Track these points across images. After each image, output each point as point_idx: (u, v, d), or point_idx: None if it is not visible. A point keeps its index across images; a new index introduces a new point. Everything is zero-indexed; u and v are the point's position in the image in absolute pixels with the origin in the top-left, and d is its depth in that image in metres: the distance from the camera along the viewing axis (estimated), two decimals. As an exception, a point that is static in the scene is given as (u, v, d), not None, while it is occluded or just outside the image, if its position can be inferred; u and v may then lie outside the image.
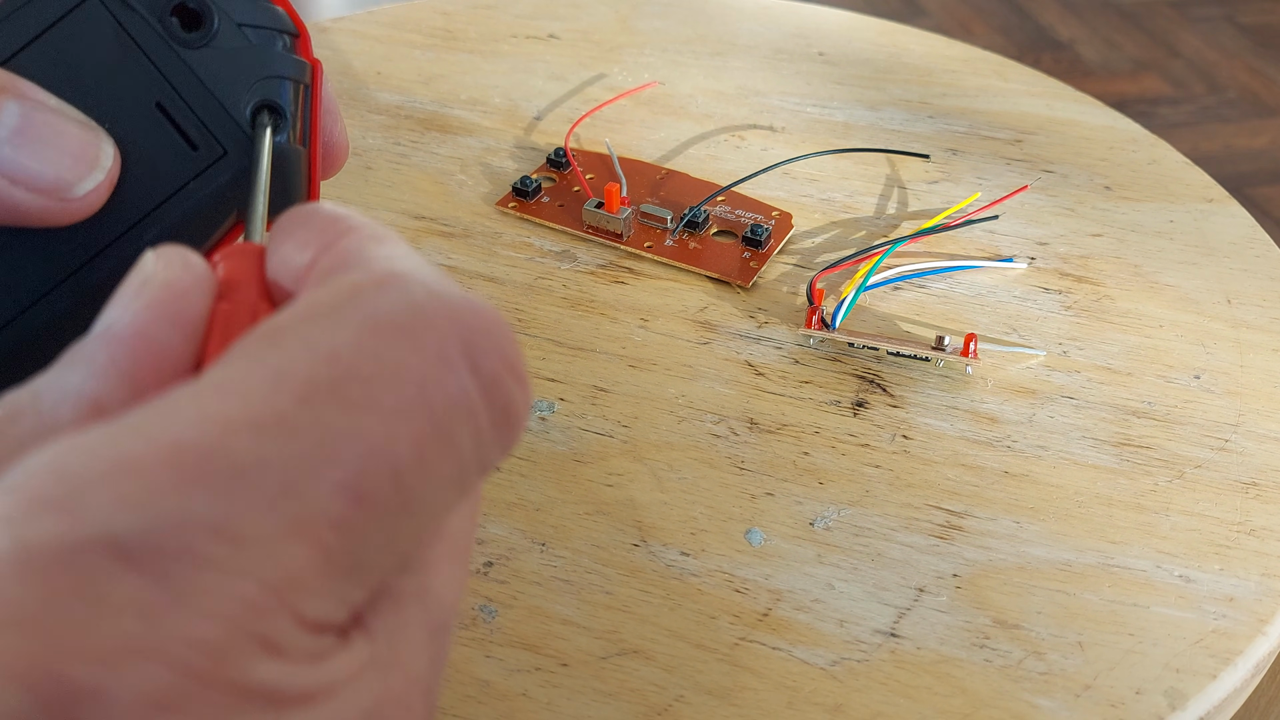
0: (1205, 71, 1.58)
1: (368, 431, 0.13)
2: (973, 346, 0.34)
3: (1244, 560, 0.29)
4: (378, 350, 0.14)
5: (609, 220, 0.38)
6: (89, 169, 0.22)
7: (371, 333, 0.14)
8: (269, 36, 0.25)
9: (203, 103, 0.24)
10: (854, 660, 0.26)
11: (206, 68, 0.24)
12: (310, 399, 0.13)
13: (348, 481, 0.13)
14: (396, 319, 0.14)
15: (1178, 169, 0.44)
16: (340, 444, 0.13)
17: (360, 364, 0.14)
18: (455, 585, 0.16)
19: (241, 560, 0.12)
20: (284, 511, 0.13)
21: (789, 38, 0.51)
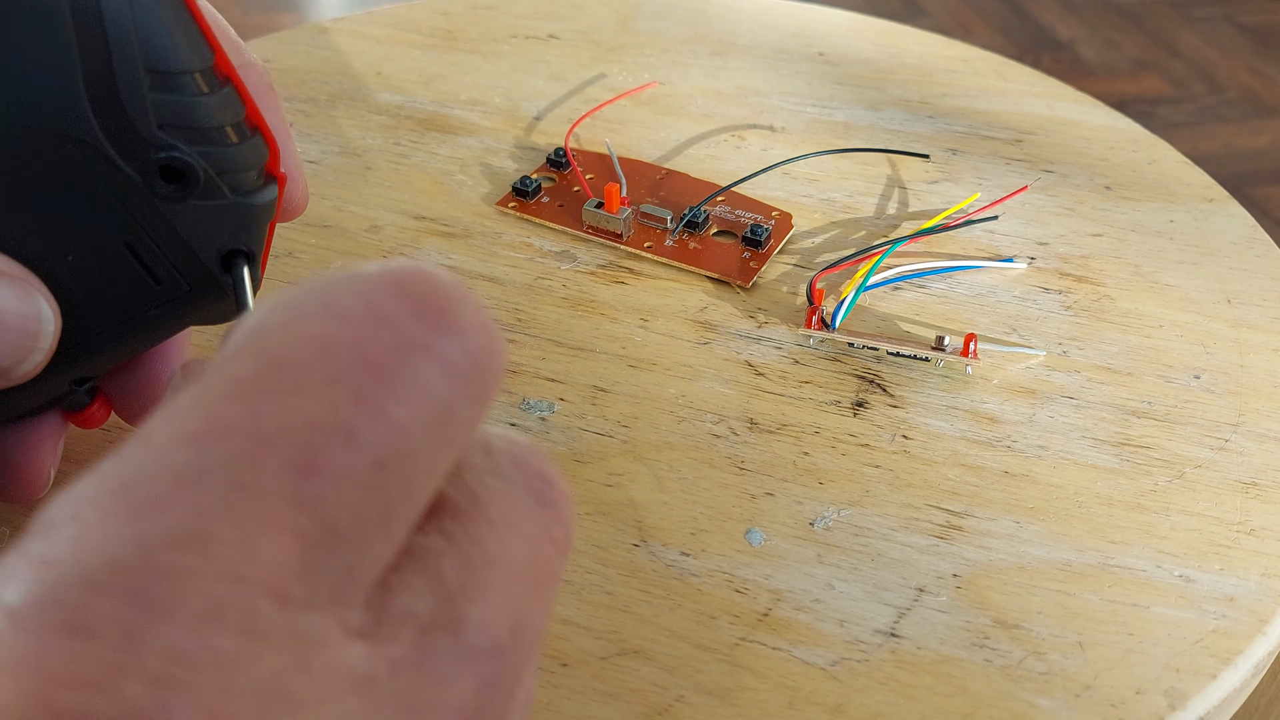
0: (1205, 71, 1.58)
1: (304, 407, 0.13)
2: (973, 346, 0.34)
3: (1244, 560, 0.29)
4: (301, 332, 0.14)
5: (609, 220, 0.38)
6: (27, 352, 0.22)
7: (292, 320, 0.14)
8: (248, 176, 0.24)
9: (173, 249, 0.24)
10: (854, 660, 0.26)
11: (183, 221, 0.24)
12: (237, 397, 0.13)
13: (293, 459, 0.13)
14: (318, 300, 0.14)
15: (1178, 169, 0.44)
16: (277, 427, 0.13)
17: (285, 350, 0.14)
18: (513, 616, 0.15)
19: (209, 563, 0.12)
20: (236, 505, 0.13)
21: (789, 38, 0.51)
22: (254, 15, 1.65)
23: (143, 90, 0.22)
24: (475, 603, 0.15)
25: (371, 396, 0.14)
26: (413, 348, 0.14)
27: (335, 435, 0.13)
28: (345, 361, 0.14)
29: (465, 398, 0.14)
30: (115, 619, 0.12)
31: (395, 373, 0.14)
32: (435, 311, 0.14)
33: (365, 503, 0.14)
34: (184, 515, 0.13)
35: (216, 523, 0.13)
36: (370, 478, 0.14)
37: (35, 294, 0.22)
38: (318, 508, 0.13)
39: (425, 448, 0.14)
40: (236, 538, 0.13)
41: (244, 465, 0.13)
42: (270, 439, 0.13)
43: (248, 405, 0.13)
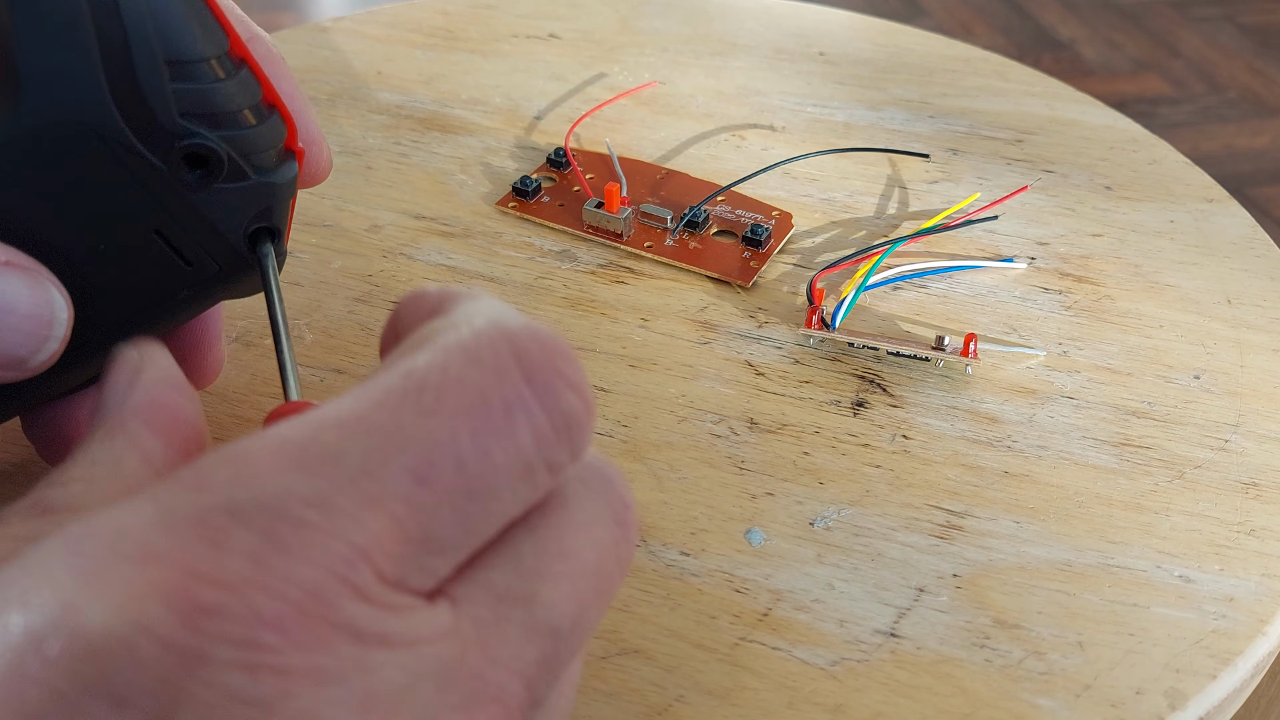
0: (1205, 71, 1.58)
1: (434, 428, 0.16)
2: (973, 346, 0.34)
3: (1244, 560, 0.29)
4: (445, 366, 0.17)
5: (609, 220, 0.38)
6: (42, 342, 0.23)
7: (441, 354, 0.17)
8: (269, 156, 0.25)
9: (202, 232, 0.25)
10: (854, 660, 0.26)
11: (209, 205, 0.24)
12: (386, 404, 0.16)
13: (414, 466, 0.16)
14: (463, 343, 0.17)
15: (1178, 169, 0.44)
16: (410, 438, 0.16)
17: (430, 378, 0.17)
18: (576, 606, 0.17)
19: (330, 524, 0.15)
20: (363, 488, 0.15)
21: (789, 38, 0.51)
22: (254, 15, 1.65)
23: (163, 81, 0.22)
24: (547, 585, 0.17)
25: (482, 438, 0.16)
26: (521, 408, 0.17)
27: (449, 460, 0.16)
28: (470, 403, 0.16)
29: (547, 458, 0.17)
30: (249, 544, 0.15)
31: (502, 424, 0.17)
32: (543, 383, 0.17)
33: (454, 519, 0.16)
34: (319, 482, 0.15)
35: (344, 495, 0.15)
36: (463, 502, 0.16)
37: (47, 283, 0.22)
38: (421, 510, 0.16)
39: (507, 490, 0.17)
40: (355, 511, 0.15)
41: (376, 458, 0.16)
42: (402, 444, 0.16)
43: (392, 414, 0.16)
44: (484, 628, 0.16)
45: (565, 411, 0.17)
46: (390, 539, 0.16)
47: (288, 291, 0.36)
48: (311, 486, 0.15)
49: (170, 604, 0.14)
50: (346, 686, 0.15)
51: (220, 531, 0.15)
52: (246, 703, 0.14)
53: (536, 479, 0.17)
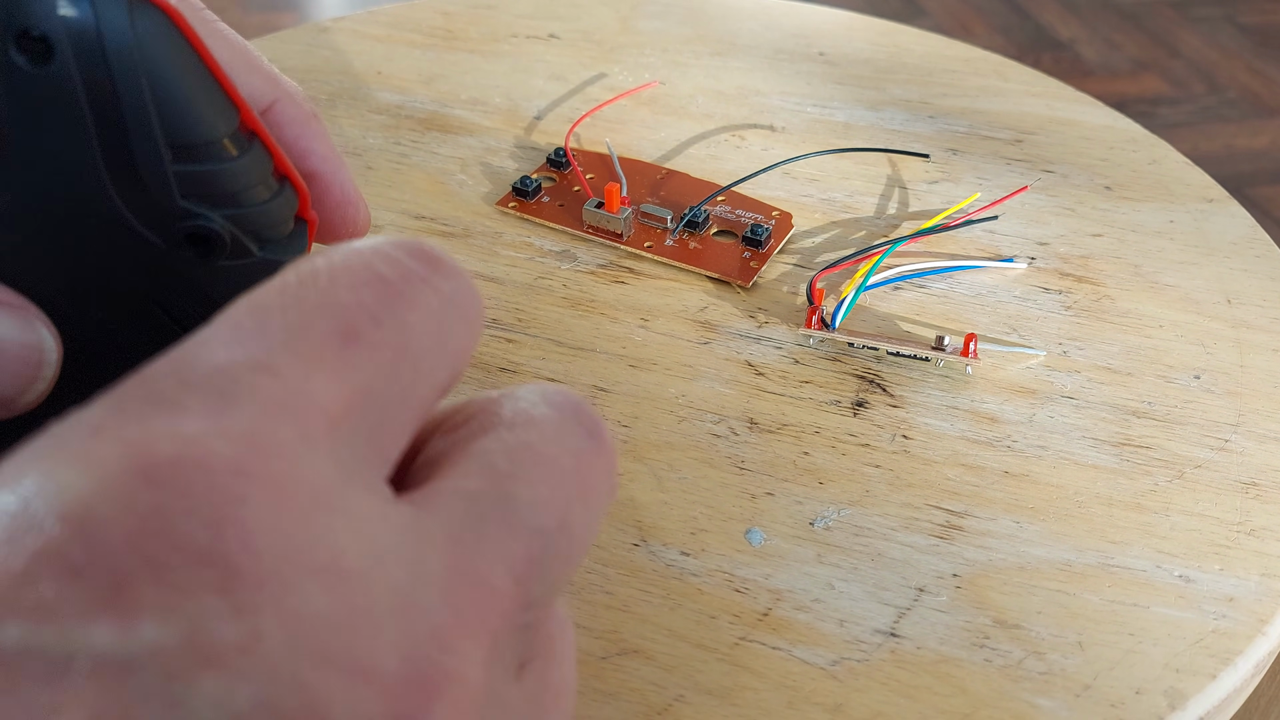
0: (1205, 71, 1.58)
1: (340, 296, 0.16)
2: (973, 346, 0.34)
3: (1244, 560, 0.29)
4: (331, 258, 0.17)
5: (609, 220, 0.38)
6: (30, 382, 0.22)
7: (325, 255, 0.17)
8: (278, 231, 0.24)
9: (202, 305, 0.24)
10: (854, 660, 0.26)
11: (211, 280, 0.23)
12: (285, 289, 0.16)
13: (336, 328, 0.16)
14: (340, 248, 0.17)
15: (1178, 169, 0.44)
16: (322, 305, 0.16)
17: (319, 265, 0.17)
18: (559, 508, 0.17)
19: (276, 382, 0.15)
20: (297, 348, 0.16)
21: (789, 38, 0.51)
22: (254, 15, 1.65)
23: (164, 165, 0.22)
24: (523, 485, 0.17)
25: (389, 300, 0.16)
26: (415, 278, 0.17)
27: (366, 318, 0.16)
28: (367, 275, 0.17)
29: (455, 321, 0.17)
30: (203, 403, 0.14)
31: (403, 290, 0.17)
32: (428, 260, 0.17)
33: (389, 377, 0.16)
34: (255, 348, 0.15)
35: (283, 355, 0.15)
36: (392, 358, 0.16)
37: (36, 323, 0.22)
38: (357, 368, 0.16)
39: (430, 351, 0.17)
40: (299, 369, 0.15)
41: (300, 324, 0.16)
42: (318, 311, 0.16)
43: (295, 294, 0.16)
44: (456, 523, 0.16)
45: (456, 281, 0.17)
46: (336, 394, 0.15)
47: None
48: (250, 354, 0.15)
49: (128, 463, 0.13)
50: (314, 554, 0.14)
51: (173, 396, 0.14)
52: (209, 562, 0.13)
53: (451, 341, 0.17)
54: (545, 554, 0.16)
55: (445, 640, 0.14)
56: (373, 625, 0.14)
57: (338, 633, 0.13)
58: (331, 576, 0.14)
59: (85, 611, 0.12)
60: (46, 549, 0.13)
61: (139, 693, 0.12)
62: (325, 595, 0.13)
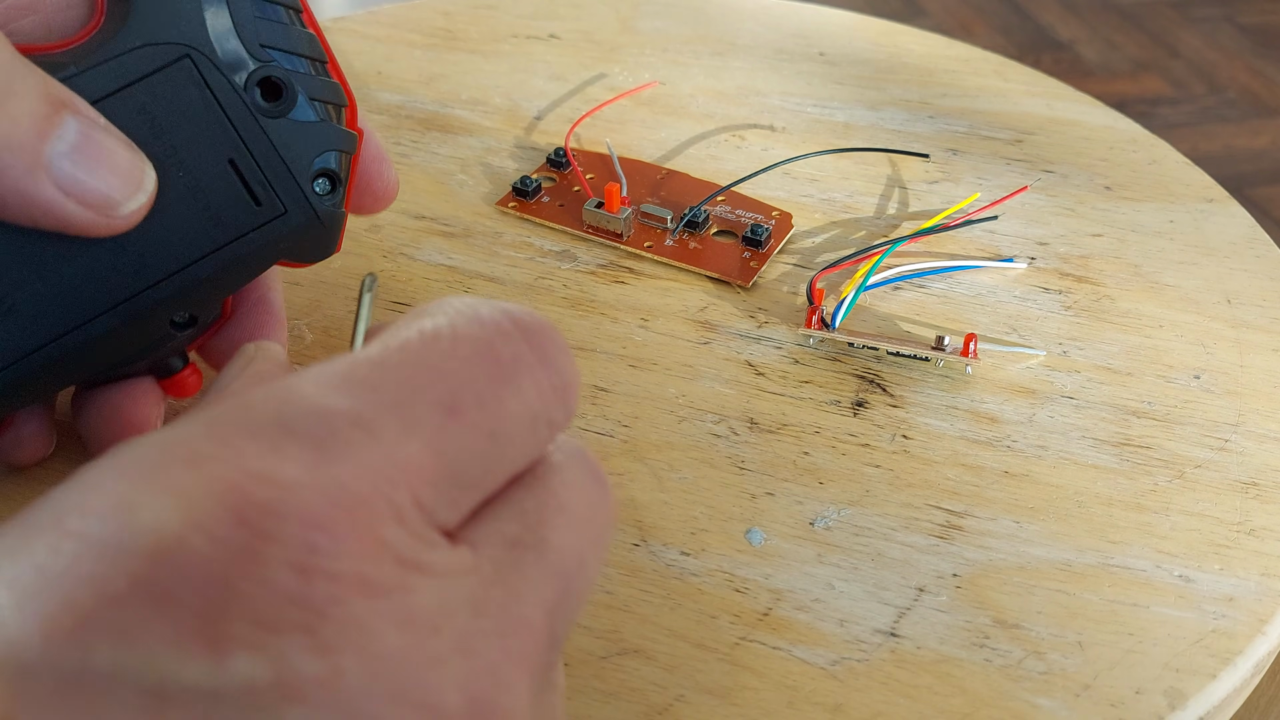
0: (1205, 71, 1.58)
1: (455, 368, 0.17)
2: (973, 346, 0.34)
3: (1244, 560, 0.29)
4: (453, 323, 0.18)
5: (609, 220, 0.38)
6: (134, 190, 0.24)
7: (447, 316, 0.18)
8: (332, 110, 0.28)
9: (271, 166, 0.27)
10: (854, 660, 0.26)
11: (279, 135, 0.27)
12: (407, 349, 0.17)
13: (443, 399, 0.17)
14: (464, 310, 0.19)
15: (1178, 169, 0.44)
16: (436, 374, 0.17)
17: (442, 330, 0.18)
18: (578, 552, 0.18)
19: (375, 443, 0.16)
20: (401, 413, 0.16)
21: (789, 38, 0.51)
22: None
23: (248, 9, 0.26)
24: (552, 531, 0.18)
25: (496, 383, 0.18)
26: (524, 364, 0.18)
27: (472, 397, 0.17)
28: (483, 352, 0.18)
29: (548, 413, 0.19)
30: (300, 453, 0.15)
31: (512, 375, 0.18)
32: (539, 346, 0.19)
33: (477, 456, 0.17)
34: (361, 405, 0.16)
35: (385, 418, 0.16)
36: (484, 440, 0.17)
37: (137, 150, 0.25)
38: (451, 440, 0.17)
39: (520, 434, 0.18)
40: (396, 433, 0.16)
41: (409, 389, 0.17)
42: (430, 379, 0.17)
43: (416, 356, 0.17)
44: (503, 568, 0.17)
45: (561, 371, 0.19)
46: (426, 465, 0.16)
47: (288, 291, 0.36)
48: (355, 408, 0.16)
49: (223, 500, 0.14)
50: (391, 601, 0.15)
51: (272, 440, 0.15)
52: (296, 604, 0.14)
53: (539, 432, 0.18)
54: (567, 593, 0.18)
55: (499, 676, 0.15)
56: (439, 666, 0.15)
57: (409, 671, 0.14)
58: (405, 621, 0.15)
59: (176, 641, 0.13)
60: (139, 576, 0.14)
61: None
62: (400, 638, 0.15)
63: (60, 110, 0.23)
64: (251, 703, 0.13)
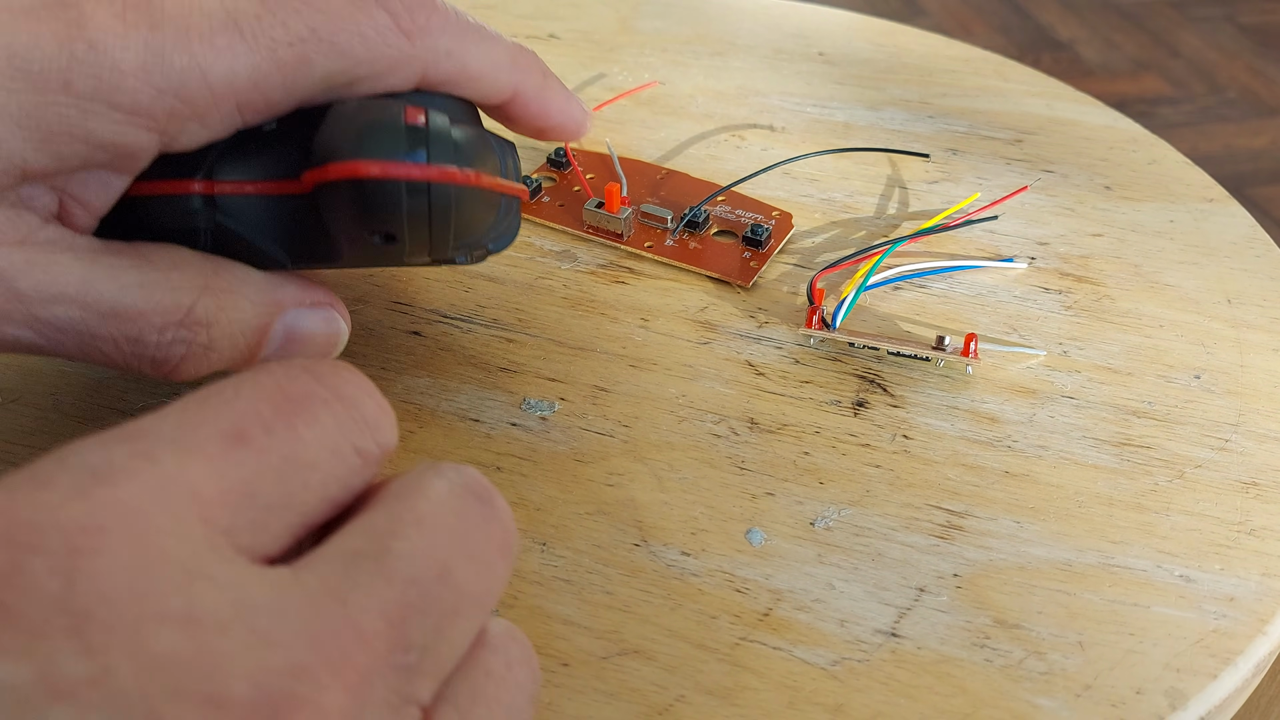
0: (1205, 71, 1.58)
1: (238, 406, 0.18)
2: (973, 346, 0.34)
3: (1244, 560, 0.29)
4: (239, 378, 0.19)
5: (609, 220, 0.38)
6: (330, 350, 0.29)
7: (236, 377, 0.19)
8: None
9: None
10: (854, 660, 0.26)
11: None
12: (191, 399, 0.18)
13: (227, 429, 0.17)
14: (260, 368, 0.19)
15: (1178, 169, 0.44)
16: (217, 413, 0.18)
17: (225, 384, 0.18)
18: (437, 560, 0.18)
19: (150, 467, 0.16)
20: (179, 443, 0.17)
21: (789, 38, 0.51)
22: (254, 15, 1.65)
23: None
24: (399, 540, 0.17)
25: (285, 413, 0.18)
26: (317, 398, 0.18)
27: (258, 426, 0.18)
28: (269, 390, 0.18)
29: (353, 440, 0.19)
30: (72, 480, 0.15)
31: (302, 408, 0.18)
32: (331, 384, 0.19)
33: (274, 480, 0.17)
34: (140, 443, 0.16)
35: (161, 449, 0.16)
36: (279, 464, 0.17)
37: (335, 315, 0.28)
38: (240, 467, 0.17)
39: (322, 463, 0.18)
40: (176, 460, 0.16)
41: (191, 427, 0.17)
42: (212, 415, 0.17)
43: (195, 400, 0.18)
44: (330, 578, 0.17)
45: (360, 406, 0.19)
46: (211, 485, 0.16)
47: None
48: (134, 446, 0.16)
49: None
50: (166, 602, 0.15)
51: (46, 475, 0.15)
52: (62, 609, 0.14)
53: (347, 459, 0.18)
54: (423, 601, 0.17)
55: (301, 672, 0.15)
56: (227, 662, 0.15)
57: (190, 669, 0.14)
58: (185, 622, 0.15)
59: None
60: None
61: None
62: (178, 638, 0.15)
63: (274, 315, 0.26)
64: (16, 701, 0.13)
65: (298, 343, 0.27)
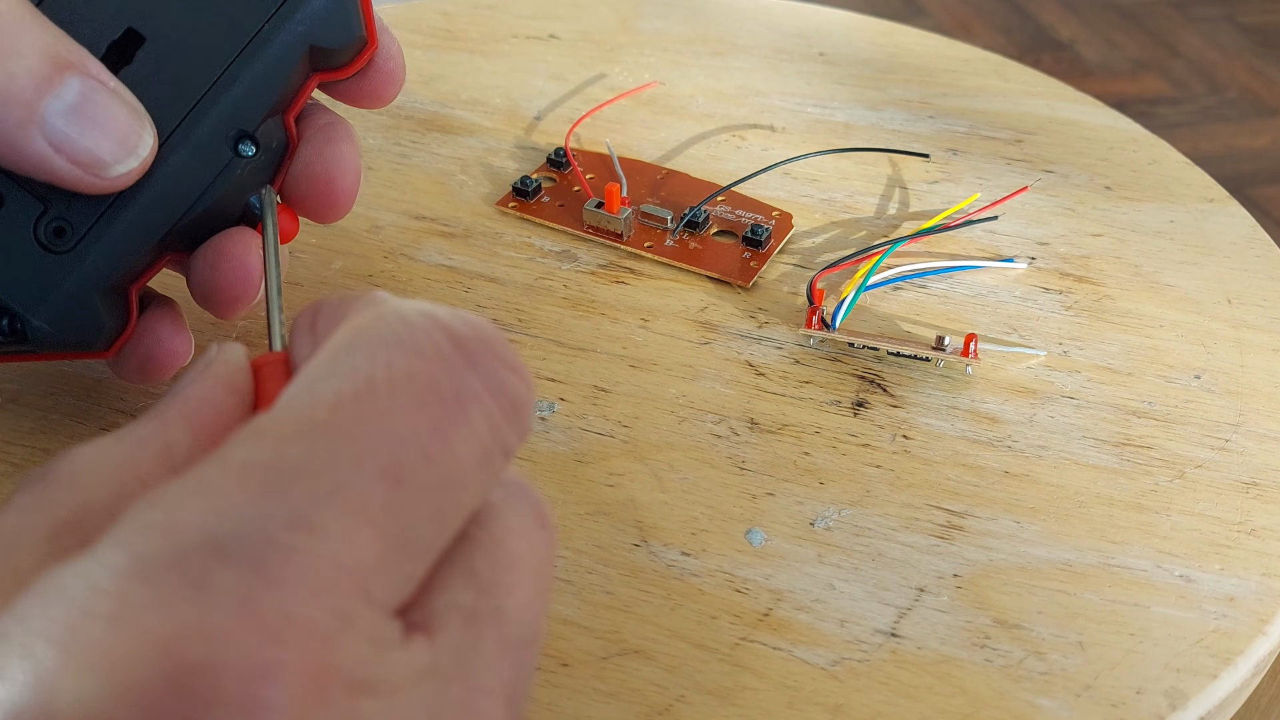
0: (1205, 71, 1.58)
1: (395, 425, 0.16)
2: (973, 346, 0.34)
3: (1244, 560, 0.29)
4: (389, 362, 0.16)
5: (609, 220, 0.38)
6: (126, 154, 0.24)
7: (383, 349, 0.17)
8: None
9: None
10: (854, 660, 0.26)
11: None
12: (340, 407, 0.16)
13: (386, 467, 0.15)
14: (397, 334, 0.17)
15: (1178, 169, 0.44)
16: (375, 439, 0.15)
17: (377, 374, 0.16)
18: (535, 606, 0.17)
19: (316, 545, 0.14)
20: (342, 500, 0.15)
21: (789, 38, 0.51)
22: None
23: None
24: (507, 595, 0.17)
25: (442, 429, 0.16)
26: (471, 395, 0.17)
27: (417, 454, 0.16)
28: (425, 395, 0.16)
29: (502, 442, 0.17)
30: (236, 582, 0.14)
31: (457, 413, 0.16)
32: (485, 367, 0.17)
33: (429, 517, 0.16)
34: (297, 501, 0.14)
35: (325, 513, 0.15)
36: (435, 497, 0.16)
37: (142, 117, 0.25)
38: (399, 515, 0.15)
39: (472, 478, 0.16)
40: (340, 529, 0.15)
41: (348, 467, 0.15)
42: (370, 447, 0.15)
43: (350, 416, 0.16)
44: (462, 656, 0.16)
45: (511, 393, 0.17)
46: (375, 551, 0.15)
47: (288, 291, 0.36)
48: (290, 508, 0.14)
49: (153, 667, 0.13)
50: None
51: (201, 572, 0.14)
52: None
53: (494, 465, 0.17)
54: (527, 664, 0.17)
55: None
56: None
57: None
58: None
59: None
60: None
61: None
62: None
63: (63, 70, 0.23)
64: None
65: (89, 114, 0.23)
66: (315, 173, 0.29)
